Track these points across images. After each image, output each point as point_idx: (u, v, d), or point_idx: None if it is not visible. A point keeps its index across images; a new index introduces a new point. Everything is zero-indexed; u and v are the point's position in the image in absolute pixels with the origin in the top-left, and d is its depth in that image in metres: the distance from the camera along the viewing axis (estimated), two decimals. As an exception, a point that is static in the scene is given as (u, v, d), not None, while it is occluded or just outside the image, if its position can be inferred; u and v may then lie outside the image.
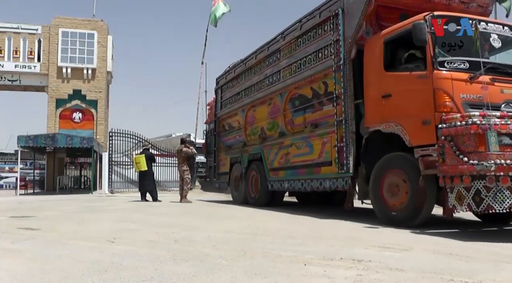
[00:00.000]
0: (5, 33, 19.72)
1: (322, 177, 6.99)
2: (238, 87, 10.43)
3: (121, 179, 17.93)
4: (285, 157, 8.08)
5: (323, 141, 6.96)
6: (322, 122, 7.08)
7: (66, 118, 20.17)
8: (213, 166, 11.71)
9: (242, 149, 9.88)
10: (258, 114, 9.43)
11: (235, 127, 10.58)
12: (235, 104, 10.51)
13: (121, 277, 2.67)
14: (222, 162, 11.24)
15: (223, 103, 11.42)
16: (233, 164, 10.44)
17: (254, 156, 9.35)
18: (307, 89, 7.56)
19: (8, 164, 31.21)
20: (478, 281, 2.64)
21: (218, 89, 11.89)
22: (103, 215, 7.20)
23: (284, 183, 8.13)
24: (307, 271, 2.85)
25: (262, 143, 8.95)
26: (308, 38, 7.60)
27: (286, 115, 8.24)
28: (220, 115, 11.53)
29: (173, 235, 4.48)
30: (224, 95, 11.39)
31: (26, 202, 10.83)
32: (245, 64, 10.08)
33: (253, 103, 9.59)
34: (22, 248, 3.78)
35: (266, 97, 8.97)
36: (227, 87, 11.28)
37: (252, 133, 9.65)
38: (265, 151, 8.82)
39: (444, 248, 3.83)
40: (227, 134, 11.08)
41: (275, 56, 8.74)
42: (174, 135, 29.59)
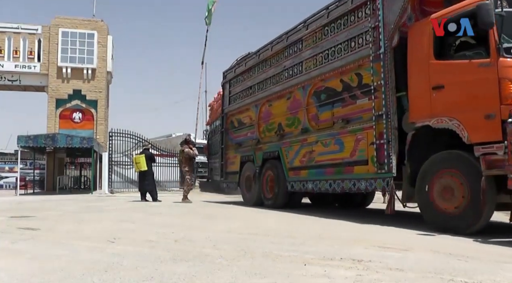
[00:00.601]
0: (5, 33, 19.71)
1: (356, 178, 6.36)
2: (250, 80, 9.85)
3: (121, 179, 17.93)
4: (309, 156, 7.49)
5: (357, 138, 6.36)
6: (355, 117, 6.47)
7: (66, 118, 20.16)
8: (220, 165, 11.13)
9: (255, 146, 9.33)
10: (274, 109, 8.84)
11: (246, 123, 10.01)
12: (247, 99, 9.95)
13: (121, 277, 2.67)
14: (231, 160, 10.63)
15: (231, 98, 10.85)
16: (244, 162, 9.87)
17: (270, 155, 8.77)
18: (336, 81, 6.97)
19: (8, 164, 31.19)
20: (478, 281, 2.64)
21: (225, 83, 11.25)
22: (103, 215, 7.20)
23: (307, 183, 7.51)
24: (307, 271, 2.86)
25: (280, 141, 8.39)
26: (338, 26, 7.01)
27: (309, 110, 7.65)
28: (228, 110, 10.94)
29: (173, 235, 4.48)
30: (233, 89, 10.80)
31: (26, 202, 10.83)
32: (259, 56, 9.49)
33: (268, 97, 9.02)
34: (22, 248, 3.78)
35: (284, 90, 8.41)
36: (236, 81, 10.68)
37: (267, 130, 9.06)
38: (283, 149, 8.25)
39: (444, 248, 3.83)
40: (236, 131, 10.49)
41: (296, 46, 8.15)
42: (174, 135, 29.59)
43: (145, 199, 10.95)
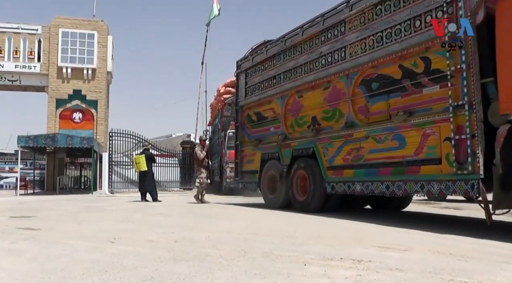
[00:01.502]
0: (5, 33, 19.73)
1: (425, 179, 5.45)
2: (274, 69, 8.90)
3: (121, 179, 17.95)
4: (355, 153, 6.62)
5: (425, 133, 5.47)
6: (421, 109, 5.58)
7: (66, 118, 20.18)
8: (233, 163, 10.37)
9: (282, 143, 8.44)
10: (306, 101, 7.92)
11: (267, 117, 9.10)
12: (269, 90, 9.01)
13: (121, 277, 2.67)
14: (248, 158, 9.74)
15: (248, 89, 9.90)
16: (266, 161, 8.98)
17: (301, 152, 7.88)
18: (393, 67, 6.07)
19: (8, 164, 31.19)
20: (478, 281, 2.64)
21: (240, 73, 10.29)
22: (103, 215, 7.20)
23: (354, 184, 6.58)
24: (307, 271, 2.86)
25: (316, 136, 7.50)
26: (395, 4, 6.13)
27: (355, 101, 6.74)
28: (244, 103, 9.99)
29: (173, 235, 4.48)
30: (250, 80, 9.83)
31: (26, 202, 10.84)
32: (285, 42, 8.53)
33: (298, 87, 8.10)
34: (22, 248, 3.78)
35: (320, 80, 7.49)
36: (254, 71, 9.71)
37: (297, 124, 8.16)
38: (320, 146, 7.38)
39: (444, 248, 3.83)
40: (255, 125, 9.56)
41: (336, 29, 7.22)
42: (174, 135, 29.64)
43: (145, 199, 10.95)
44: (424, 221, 6.37)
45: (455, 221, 6.79)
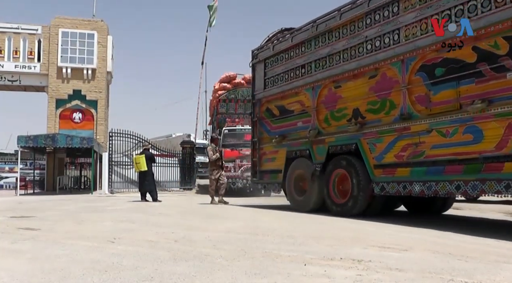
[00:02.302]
0: (5, 33, 19.73)
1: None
2: (302, 58, 8.07)
3: (121, 179, 17.94)
4: (414, 149, 5.83)
5: (510, 124, 4.78)
6: (506, 96, 4.87)
7: (66, 118, 20.18)
8: (252, 162, 9.56)
9: (314, 139, 7.63)
10: (346, 91, 7.14)
11: (293, 110, 8.33)
12: (296, 81, 8.21)
13: (121, 277, 2.67)
14: (268, 156, 8.94)
15: (268, 81, 9.06)
16: (293, 159, 8.21)
17: (340, 148, 7.10)
18: (465, 50, 5.35)
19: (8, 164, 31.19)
20: (478, 281, 2.64)
21: (257, 64, 9.46)
22: (103, 215, 7.20)
23: (412, 185, 5.78)
24: (307, 271, 2.86)
25: (359, 130, 6.71)
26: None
27: (413, 90, 5.97)
28: (262, 96, 9.17)
29: (173, 235, 4.48)
30: (271, 70, 8.99)
31: (26, 202, 10.83)
32: (317, 27, 7.72)
33: (335, 77, 7.31)
34: (22, 248, 3.78)
35: (365, 67, 6.73)
36: (276, 60, 8.87)
37: (333, 118, 7.38)
38: (364, 141, 6.63)
39: (443, 248, 3.84)
40: (277, 120, 8.76)
41: (387, 10, 6.46)
42: (174, 135, 29.64)
43: (145, 199, 10.95)
44: (424, 221, 6.31)
45: (455, 221, 6.79)
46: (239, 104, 16.58)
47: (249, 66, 9.83)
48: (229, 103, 16.57)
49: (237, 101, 16.58)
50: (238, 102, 16.57)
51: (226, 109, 16.58)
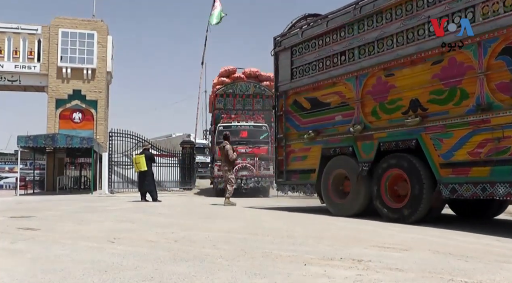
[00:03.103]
0: (5, 33, 19.72)
1: None
2: (342, 43, 7.26)
3: (121, 179, 17.94)
4: (494, 145, 5.06)
5: None
6: None
7: (66, 118, 20.17)
8: (276, 161, 8.71)
9: (359, 134, 6.80)
10: (401, 80, 6.33)
11: (330, 103, 7.48)
12: (334, 70, 7.38)
13: (121, 277, 2.67)
14: (298, 154, 8.09)
15: (296, 70, 8.19)
16: (330, 157, 7.37)
17: (394, 145, 6.25)
18: None
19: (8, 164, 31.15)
20: (477, 281, 2.64)
21: (281, 52, 8.56)
22: (103, 215, 7.20)
23: (494, 186, 4.99)
24: (307, 271, 2.86)
25: (420, 124, 5.88)
26: None
27: (493, 77, 5.19)
28: (289, 88, 8.31)
29: (173, 235, 4.48)
30: (300, 58, 8.10)
31: (26, 202, 10.83)
32: (360, 9, 7.00)
33: (386, 64, 6.52)
34: (22, 248, 3.78)
35: (427, 52, 5.93)
36: (306, 47, 8.00)
37: (384, 110, 6.56)
38: (427, 136, 5.80)
39: (443, 248, 3.84)
40: (308, 114, 7.91)
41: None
42: (174, 135, 29.66)
43: (145, 199, 10.95)
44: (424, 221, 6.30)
45: (455, 221, 6.79)
46: (237, 99, 15.97)
47: (270, 55, 8.85)
48: (226, 98, 15.97)
49: (235, 96, 15.99)
50: (237, 97, 15.97)
51: (224, 104, 15.97)
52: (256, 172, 14.09)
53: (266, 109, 15.74)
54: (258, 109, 16.02)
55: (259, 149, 14.40)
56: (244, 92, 15.77)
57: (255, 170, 14.10)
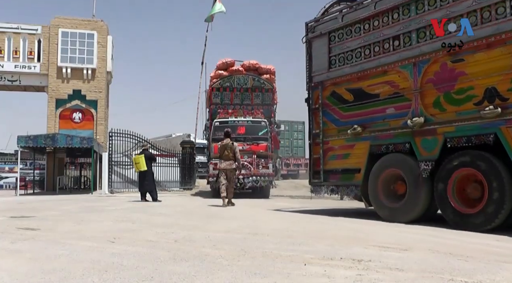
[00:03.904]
0: (5, 33, 19.72)
1: None
2: (395, 27, 6.52)
3: (121, 179, 17.93)
4: None
5: None
6: None
7: (66, 118, 20.17)
8: (311, 160, 7.87)
9: (419, 129, 6.04)
10: (472, 66, 5.61)
11: (379, 94, 6.71)
12: (385, 57, 6.66)
13: (121, 277, 2.67)
14: (338, 152, 7.30)
15: (335, 58, 7.45)
16: (381, 154, 6.62)
17: (466, 140, 5.49)
18: None
19: (8, 164, 31.20)
20: (477, 280, 2.64)
21: (315, 38, 7.78)
22: (103, 215, 7.20)
23: None
24: (307, 271, 2.86)
25: (500, 116, 5.19)
26: None
27: None
28: (327, 78, 7.54)
29: (173, 235, 4.48)
30: (340, 45, 7.36)
31: (26, 202, 10.83)
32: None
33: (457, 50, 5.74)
34: (22, 248, 3.78)
35: (505, 34, 5.21)
36: (349, 32, 7.25)
37: (450, 101, 5.82)
38: (508, 130, 5.10)
39: (443, 247, 3.84)
40: (350, 107, 7.15)
41: None
42: (174, 135, 29.62)
43: (145, 199, 10.94)
44: (424, 221, 6.27)
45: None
46: (235, 93, 14.96)
47: (302, 42, 8.04)
48: (223, 92, 14.97)
49: (232, 89, 14.95)
50: (234, 91, 14.95)
51: (221, 98, 14.96)
52: (254, 171, 13.14)
53: (265, 104, 14.99)
54: (257, 103, 15.05)
55: (258, 146, 13.46)
56: (242, 86, 14.84)
57: (253, 168, 13.15)
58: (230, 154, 9.07)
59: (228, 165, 9.08)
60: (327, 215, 7.01)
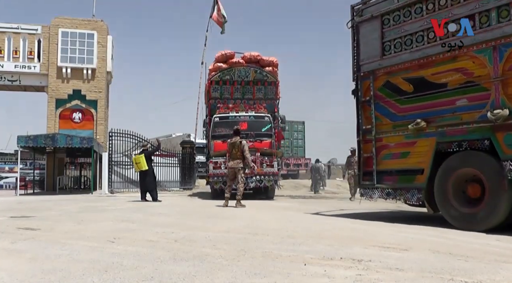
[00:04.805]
0: (5, 33, 19.71)
1: None
2: (468, 5, 5.63)
3: (121, 179, 17.93)
4: None
5: None
6: None
7: (66, 118, 20.17)
8: (360, 159, 7.07)
9: (503, 122, 5.16)
10: None
11: (447, 83, 5.86)
12: (455, 39, 5.77)
13: (121, 277, 2.67)
14: (394, 150, 6.48)
15: (390, 44, 6.62)
16: (449, 153, 5.73)
17: None
18: None
19: (8, 164, 31.17)
20: (477, 280, 2.64)
21: (365, 22, 6.99)
22: (103, 215, 7.20)
23: None
24: (307, 271, 2.86)
25: None
26: None
27: None
28: (379, 66, 6.74)
29: (173, 235, 4.48)
30: (397, 29, 6.52)
31: (26, 202, 10.83)
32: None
33: None
34: (22, 248, 3.78)
35: None
36: (407, 14, 6.39)
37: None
38: None
39: (443, 247, 3.84)
40: (410, 99, 6.31)
41: None
42: (174, 135, 29.63)
43: (145, 199, 10.94)
44: (424, 220, 6.24)
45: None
46: (235, 86, 13.82)
47: (346, 27, 7.31)
48: (223, 85, 13.84)
49: (233, 83, 13.82)
50: (235, 85, 13.82)
51: (220, 92, 13.84)
52: (258, 170, 11.95)
53: (268, 98, 13.89)
54: (259, 97, 13.87)
55: (261, 143, 12.36)
56: (243, 78, 13.71)
57: (256, 167, 11.77)
58: (238, 152, 8.78)
59: (235, 164, 8.80)
60: (327, 215, 6.99)
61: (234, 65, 13.93)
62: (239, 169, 8.83)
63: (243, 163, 8.86)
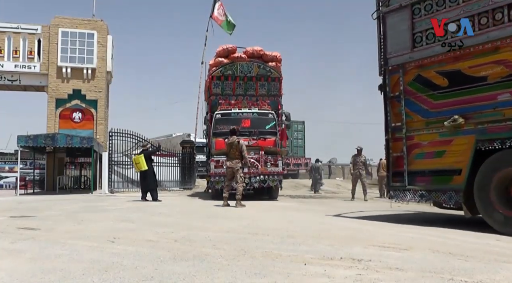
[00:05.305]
0: (5, 33, 19.71)
1: None
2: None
3: (121, 179, 17.93)
4: None
5: None
6: None
7: (66, 118, 20.17)
8: (390, 159, 6.58)
9: None
10: None
11: (487, 76, 5.44)
12: (497, 29, 5.31)
13: (121, 277, 2.67)
14: (427, 149, 6.05)
15: (421, 35, 6.22)
16: (491, 151, 5.32)
17: None
18: None
19: (8, 164, 31.15)
20: (477, 280, 2.64)
21: (392, 12, 6.60)
22: (103, 215, 7.20)
23: None
24: (307, 270, 2.86)
25: None
26: None
27: None
28: (409, 60, 6.33)
29: (173, 235, 4.48)
30: (428, 19, 6.12)
31: (26, 202, 10.83)
32: None
33: None
34: (22, 248, 3.78)
35: None
36: (441, 2, 5.97)
37: None
38: None
39: (443, 247, 3.84)
40: (445, 94, 5.88)
41: None
42: (174, 135, 29.62)
43: (145, 198, 10.95)
44: (424, 220, 6.22)
45: (455, 220, 6.79)
46: (237, 82, 13.18)
47: (372, 18, 6.92)
48: (225, 81, 13.18)
49: (235, 78, 13.17)
50: (237, 80, 13.18)
51: (222, 88, 13.17)
52: (262, 169, 11.43)
53: (271, 94, 13.31)
54: (262, 94, 13.27)
55: (265, 141, 11.81)
56: (246, 74, 13.07)
57: (260, 166, 11.44)
58: (236, 152, 8.78)
59: (233, 164, 8.79)
60: (327, 215, 6.98)
61: (236, 60, 13.30)
62: (238, 169, 8.82)
63: (241, 163, 8.88)
